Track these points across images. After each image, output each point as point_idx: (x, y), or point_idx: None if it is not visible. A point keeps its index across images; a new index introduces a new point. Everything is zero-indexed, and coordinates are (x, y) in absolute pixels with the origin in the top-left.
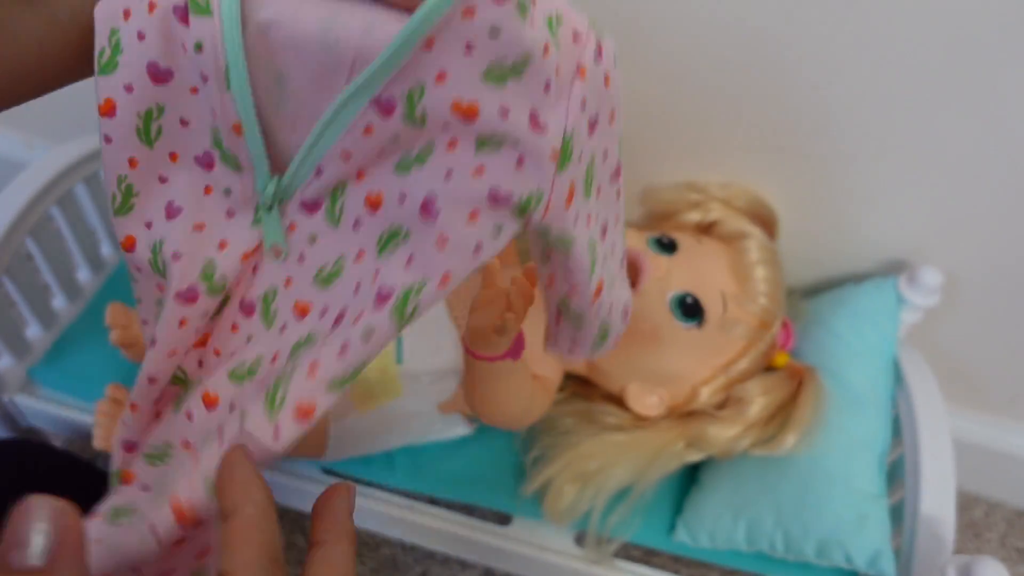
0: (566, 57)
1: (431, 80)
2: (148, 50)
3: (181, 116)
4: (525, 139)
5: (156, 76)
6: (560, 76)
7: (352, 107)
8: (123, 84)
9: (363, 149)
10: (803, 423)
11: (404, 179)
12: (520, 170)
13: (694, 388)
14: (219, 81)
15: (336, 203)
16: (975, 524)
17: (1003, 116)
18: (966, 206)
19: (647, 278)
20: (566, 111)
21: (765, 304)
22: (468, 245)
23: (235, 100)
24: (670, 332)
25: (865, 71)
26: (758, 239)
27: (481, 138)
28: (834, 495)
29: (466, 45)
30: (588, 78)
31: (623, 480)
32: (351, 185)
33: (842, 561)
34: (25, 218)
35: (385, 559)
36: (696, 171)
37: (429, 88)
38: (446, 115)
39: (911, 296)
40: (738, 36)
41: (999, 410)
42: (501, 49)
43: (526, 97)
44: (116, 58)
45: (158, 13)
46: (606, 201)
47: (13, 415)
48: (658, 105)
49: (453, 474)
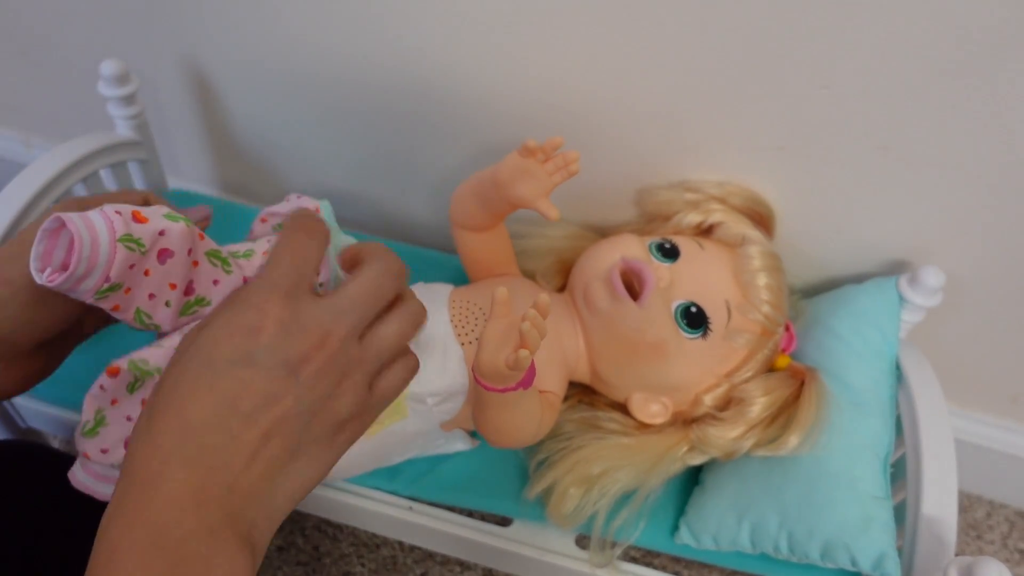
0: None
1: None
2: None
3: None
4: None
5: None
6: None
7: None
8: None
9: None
10: (806, 423)
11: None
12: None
13: (697, 396)
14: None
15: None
16: (977, 525)
17: (1003, 116)
18: (967, 206)
19: (651, 290)
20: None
21: (769, 312)
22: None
23: None
24: (675, 344)
25: (866, 70)
26: (760, 245)
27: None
28: (838, 497)
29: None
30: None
31: (627, 483)
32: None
33: (847, 563)
34: (24, 218)
35: (385, 559)
36: (694, 171)
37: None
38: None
39: (912, 296)
40: (738, 36)
41: (1001, 410)
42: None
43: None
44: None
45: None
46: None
47: (12, 416)
48: (659, 104)
49: (456, 480)
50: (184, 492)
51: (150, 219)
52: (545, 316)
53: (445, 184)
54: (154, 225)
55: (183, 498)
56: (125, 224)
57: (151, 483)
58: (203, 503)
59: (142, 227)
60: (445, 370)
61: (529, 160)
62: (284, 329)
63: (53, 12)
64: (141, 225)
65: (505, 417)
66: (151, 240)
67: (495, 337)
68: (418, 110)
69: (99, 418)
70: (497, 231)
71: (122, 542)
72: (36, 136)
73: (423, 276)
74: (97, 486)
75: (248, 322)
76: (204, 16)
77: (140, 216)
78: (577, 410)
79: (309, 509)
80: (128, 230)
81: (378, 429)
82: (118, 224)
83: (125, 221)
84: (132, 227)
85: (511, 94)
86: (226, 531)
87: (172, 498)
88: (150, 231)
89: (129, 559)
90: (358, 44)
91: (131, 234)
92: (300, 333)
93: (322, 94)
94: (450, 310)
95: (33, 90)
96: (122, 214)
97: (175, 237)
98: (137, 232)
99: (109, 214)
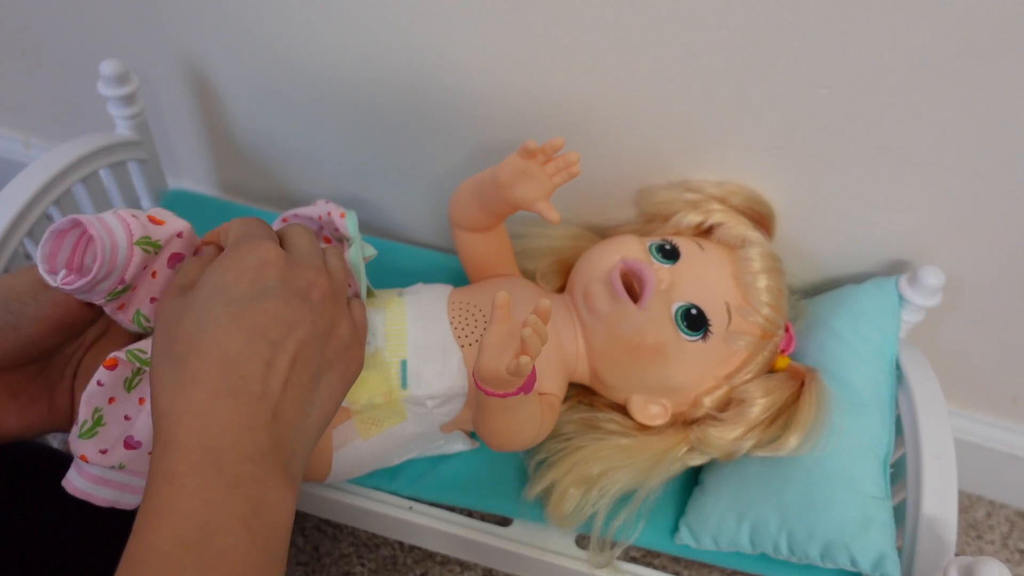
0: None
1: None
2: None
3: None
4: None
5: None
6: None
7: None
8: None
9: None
10: (806, 424)
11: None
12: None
13: (697, 398)
14: None
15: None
16: (977, 525)
17: (1003, 115)
18: (967, 206)
19: (651, 292)
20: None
21: (769, 315)
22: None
23: None
24: (675, 346)
25: (866, 70)
26: (761, 247)
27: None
28: (838, 497)
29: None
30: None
31: (627, 484)
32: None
33: (847, 564)
34: (23, 218)
35: (385, 559)
36: (694, 171)
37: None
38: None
39: (912, 296)
40: (738, 36)
41: (1001, 410)
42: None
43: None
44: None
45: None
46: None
47: None
48: (658, 104)
49: (456, 480)
50: (237, 419)
51: (167, 221)
52: (546, 322)
53: (445, 184)
54: (171, 227)
55: (236, 424)
56: (143, 227)
57: (203, 414)
58: (254, 428)
59: (160, 229)
60: (444, 372)
61: (529, 162)
62: (287, 262)
63: (53, 12)
64: (159, 227)
65: (506, 421)
66: (167, 242)
67: (496, 342)
68: (418, 110)
69: (97, 418)
70: (497, 232)
71: (180, 467)
72: (36, 136)
73: (423, 276)
74: (96, 491)
75: (253, 262)
76: (204, 16)
77: (156, 219)
78: (577, 411)
79: (309, 509)
80: (146, 232)
81: (377, 431)
82: (135, 227)
83: (142, 224)
84: (150, 229)
85: (511, 94)
86: (274, 457)
87: (226, 424)
88: (167, 232)
89: (190, 479)
90: (358, 44)
91: (149, 236)
92: (299, 265)
93: (322, 94)
94: (450, 311)
95: (33, 90)
96: (137, 217)
97: (187, 239)
98: (156, 235)
99: (125, 217)
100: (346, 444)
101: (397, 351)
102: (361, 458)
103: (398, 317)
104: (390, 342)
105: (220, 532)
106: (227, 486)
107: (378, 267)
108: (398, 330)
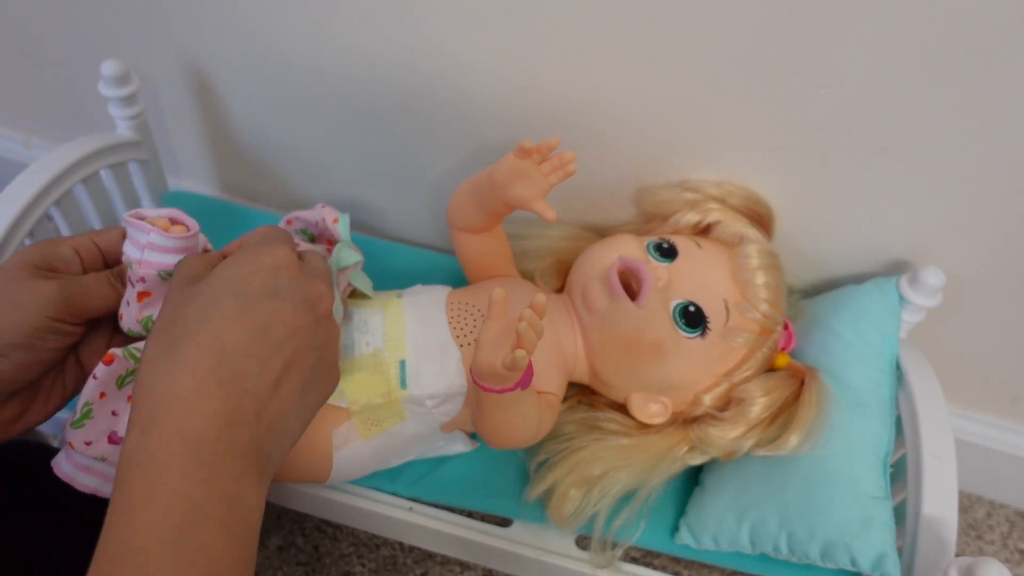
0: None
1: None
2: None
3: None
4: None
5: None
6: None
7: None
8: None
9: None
10: (806, 423)
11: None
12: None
13: (696, 396)
14: None
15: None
16: (977, 525)
17: (1004, 116)
18: (967, 206)
19: (649, 290)
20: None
21: (767, 311)
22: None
23: None
24: (673, 343)
25: (866, 70)
26: (758, 244)
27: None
28: (838, 497)
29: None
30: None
31: (627, 484)
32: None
33: (847, 563)
34: (24, 218)
35: (385, 559)
36: (694, 171)
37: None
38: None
39: (913, 296)
40: (738, 36)
41: (1001, 410)
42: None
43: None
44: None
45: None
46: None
47: None
48: (658, 104)
49: (456, 481)
50: (221, 411)
51: (190, 228)
52: (542, 316)
53: (445, 185)
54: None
55: (219, 417)
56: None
57: (189, 400)
58: (236, 424)
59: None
60: (443, 372)
61: (525, 161)
62: (301, 270)
63: (53, 12)
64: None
65: (503, 418)
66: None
67: (492, 338)
68: (418, 110)
69: (85, 411)
70: (495, 232)
71: (159, 455)
72: (36, 136)
73: (422, 277)
74: (79, 476)
75: (270, 262)
76: (204, 16)
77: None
78: (577, 411)
79: (309, 509)
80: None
81: (378, 431)
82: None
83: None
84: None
85: (511, 94)
86: (252, 455)
87: (210, 416)
88: (201, 243)
89: (171, 468)
90: (358, 44)
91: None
92: (313, 276)
93: (322, 94)
94: (448, 312)
95: (33, 90)
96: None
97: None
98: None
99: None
100: (346, 444)
101: (396, 351)
102: (361, 459)
103: (397, 318)
104: (389, 342)
105: (198, 529)
106: (206, 481)
107: (377, 268)
108: (397, 330)
